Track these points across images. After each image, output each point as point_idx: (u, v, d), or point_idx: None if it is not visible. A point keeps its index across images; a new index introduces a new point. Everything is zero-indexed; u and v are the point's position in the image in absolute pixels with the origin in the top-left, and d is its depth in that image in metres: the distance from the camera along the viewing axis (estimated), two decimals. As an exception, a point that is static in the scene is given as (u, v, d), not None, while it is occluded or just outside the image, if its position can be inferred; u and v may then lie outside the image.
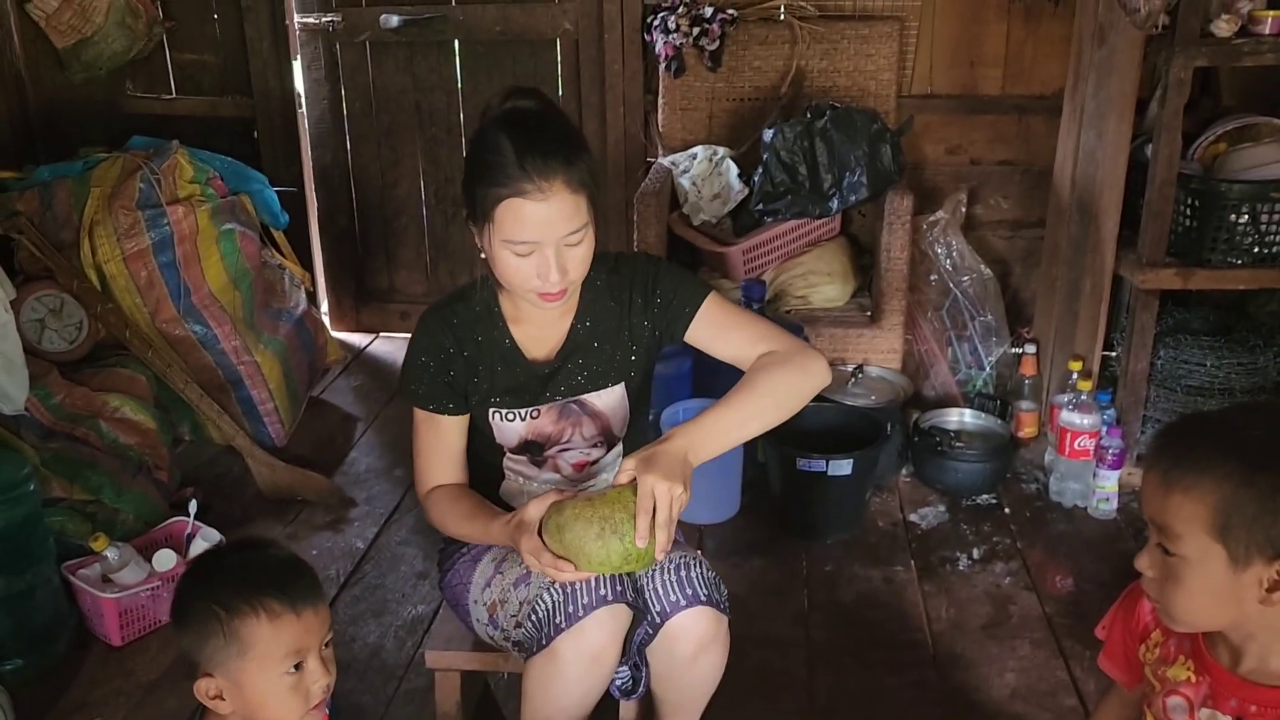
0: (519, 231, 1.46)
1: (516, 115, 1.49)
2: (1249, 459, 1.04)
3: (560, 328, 1.64)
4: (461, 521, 1.62)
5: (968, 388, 3.19)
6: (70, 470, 2.44)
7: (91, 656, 2.19)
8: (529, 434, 1.66)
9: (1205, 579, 1.07)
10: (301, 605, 1.25)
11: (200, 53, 3.67)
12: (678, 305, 1.62)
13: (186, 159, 2.98)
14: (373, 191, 3.81)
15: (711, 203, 3.16)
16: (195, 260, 2.88)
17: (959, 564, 2.49)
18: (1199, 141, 2.69)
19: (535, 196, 1.44)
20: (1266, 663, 1.12)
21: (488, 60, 3.59)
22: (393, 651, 2.22)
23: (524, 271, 1.49)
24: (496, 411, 1.64)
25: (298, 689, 1.26)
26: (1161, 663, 1.22)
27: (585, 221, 1.49)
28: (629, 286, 1.64)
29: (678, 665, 1.57)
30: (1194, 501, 1.05)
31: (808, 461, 2.50)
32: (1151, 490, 1.10)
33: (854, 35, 3.24)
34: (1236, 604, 1.07)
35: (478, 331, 1.62)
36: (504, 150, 1.44)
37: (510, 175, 1.43)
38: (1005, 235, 3.51)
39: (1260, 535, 1.03)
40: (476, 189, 1.48)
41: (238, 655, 1.23)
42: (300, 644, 1.25)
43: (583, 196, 1.48)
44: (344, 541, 2.63)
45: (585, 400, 1.66)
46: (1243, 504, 1.03)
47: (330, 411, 3.38)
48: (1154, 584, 1.13)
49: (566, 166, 1.45)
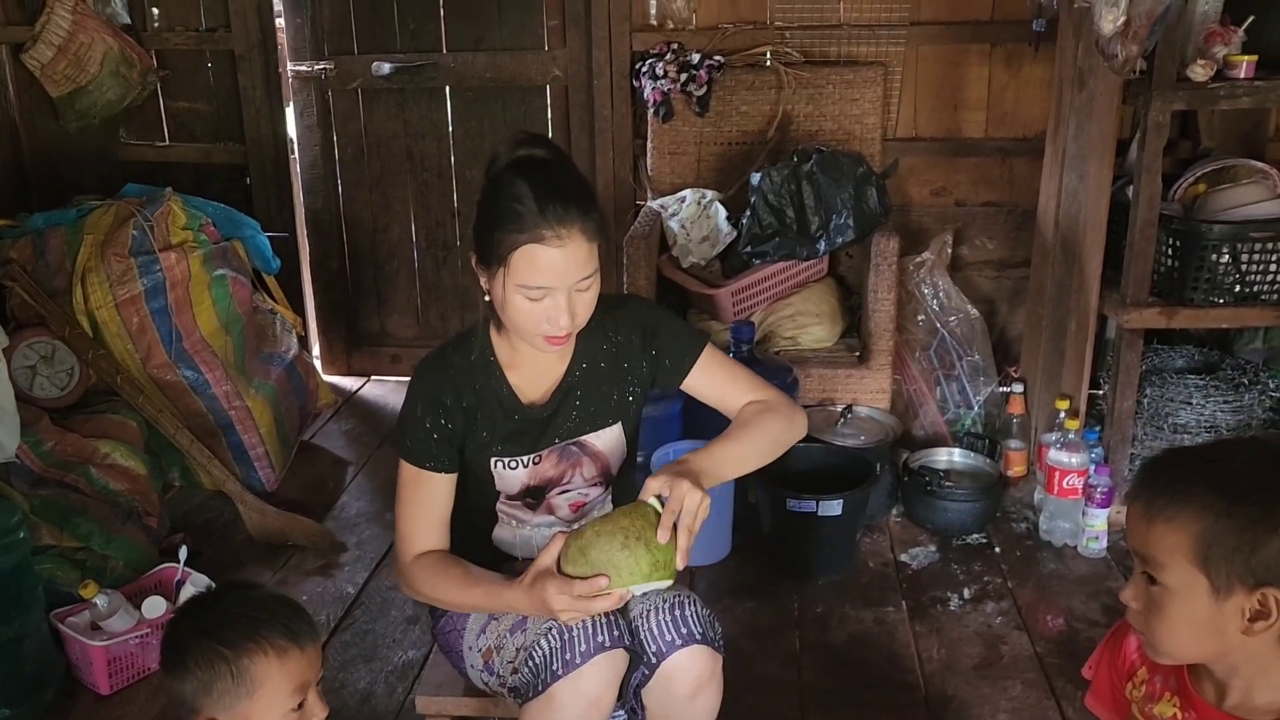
0: (534, 277, 1.48)
1: (534, 163, 1.52)
2: (1230, 490, 1.06)
3: (556, 370, 1.66)
4: (456, 589, 1.57)
5: (956, 427, 3.21)
6: (60, 517, 2.44)
7: (80, 705, 2.18)
8: (531, 480, 1.66)
9: (1188, 609, 1.08)
10: (303, 641, 1.27)
11: (194, 101, 3.71)
12: (677, 356, 1.67)
13: (179, 206, 3.00)
14: (364, 236, 3.84)
15: (700, 245, 3.19)
16: (187, 306, 2.90)
17: (950, 604, 2.49)
18: (1179, 183, 2.73)
19: (554, 243, 1.46)
20: (1251, 697, 1.13)
21: (478, 107, 3.64)
22: (383, 697, 2.21)
23: (535, 316, 1.51)
24: (499, 460, 1.64)
25: None
26: (1148, 700, 1.23)
27: (596, 268, 1.52)
28: (626, 328, 1.67)
29: (675, 705, 1.56)
30: (1176, 531, 1.07)
31: (798, 502, 2.50)
32: (1135, 521, 1.12)
33: (839, 80, 3.30)
34: (1219, 634, 1.08)
35: (475, 380, 1.63)
36: (524, 198, 1.46)
37: (530, 222, 1.46)
38: (991, 275, 3.54)
39: (1240, 565, 1.04)
40: (493, 234, 1.49)
41: (247, 695, 1.23)
42: (305, 679, 1.27)
43: (596, 245, 1.51)
44: (334, 586, 2.62)
45: (585, 441, 1.67)
46: (1223, 534, 1.05)
47: (321, 456, 3.37)
48: (1139, 616, 1.15)
49: (584, 216, 1.48)
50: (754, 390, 1.69)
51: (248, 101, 3.66)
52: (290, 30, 3.64)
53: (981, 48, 3.32)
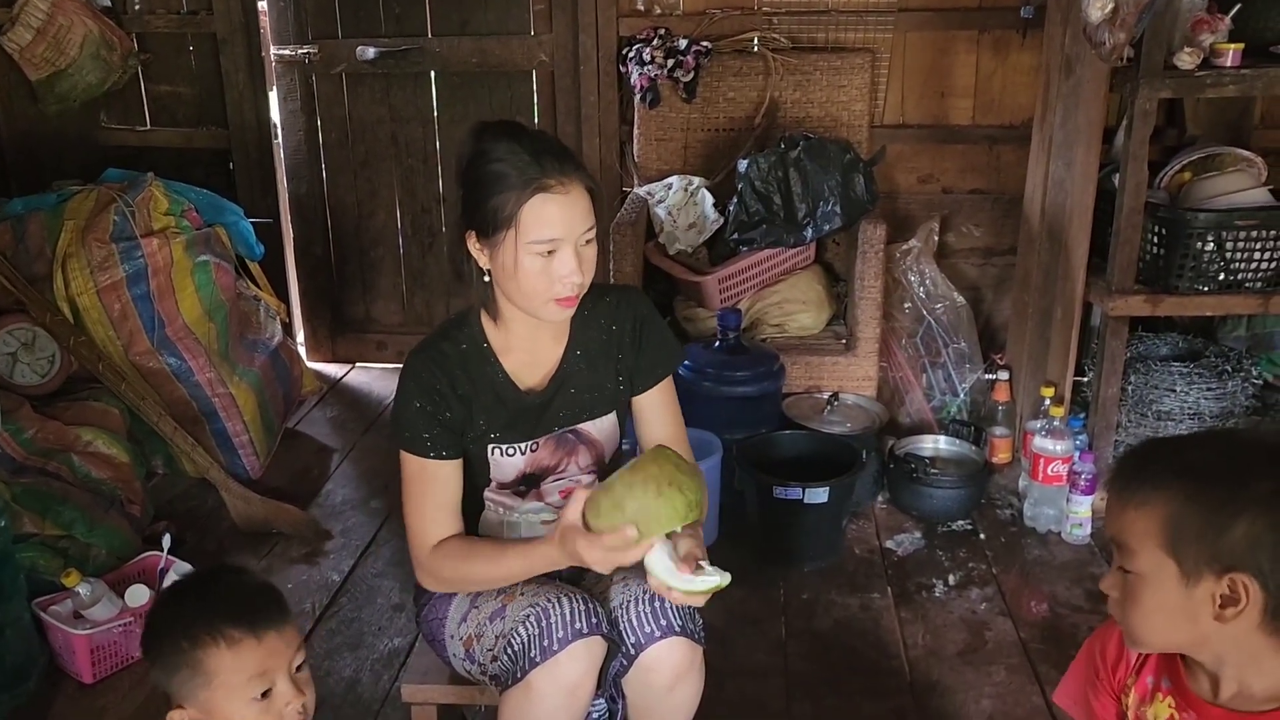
0: (544, 229, 1.47)
1: (510, 126, 1.52)
2: (1197, 476, 1.07)
3: (551, 354, 1.65)
4: (488, 565, 1.56)
5: (942, 414, 3.22)
6: (42, 505, 2.42)
7: (62, 694, 2.16)
8: (528, 467, 1.66)
9: (1160, 595, 1.09)
10: (262, 629, 1.25)
11: (175, 84, 3.68)
12: (652, 362, 1.68)
13: (161, 191, 2.97)
14: (349, 222, 3.81)
15: (687, 232, 3.18)
16: (170, 292, 2.87)
17: (935, 590, 2.50)
18: (1165, 170, 2.74)
19: (558, 190, 1.46)
20: (1247, 687, 1.12)
21: (464, 92, 3.61)
22: (369, 685, 2.20)
23: (546, 277, 1.50)
24: (496, 448, 1.63)
25: (268, 713, 1.26)
26: (1141, 703, 1.22)
27: (594, 224, 1.52)
28: (620, 317, 1.67)
29: (654, 696, 1.56)
30: (1146, 517, 1.08)
31: (784, 489, 2.50)
32: (1110, 508, 1.14)
33: (826, 67, 3.29)
34: (1192, 621, 1.09)
35: (469, 369, 1.61)
36: (517, 152, 1.46)
37: (531, 174, 1.46)
38: (977, 263, 3.55)
39: (1207, 549, 1.05)
40: (491, 200, 1.48)
41: (203, 685, 1.23)
42: (264, 667, 1.25)
43: (592, 197, 1.51)
44: (319, 574, 2.61)
45: (581, 429, 1.67)
46: (1189, 518, 1.06)
47: (306, 443, 3.36)
48: (1116, 605, 1.15)
49: (577, 166, 1.49)
50: (686, 446, 1.70)
51: (230, 85, 3.62)
52: (273, 13, 3.61)
53: (969, 34, 3.31)
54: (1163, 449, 1.16)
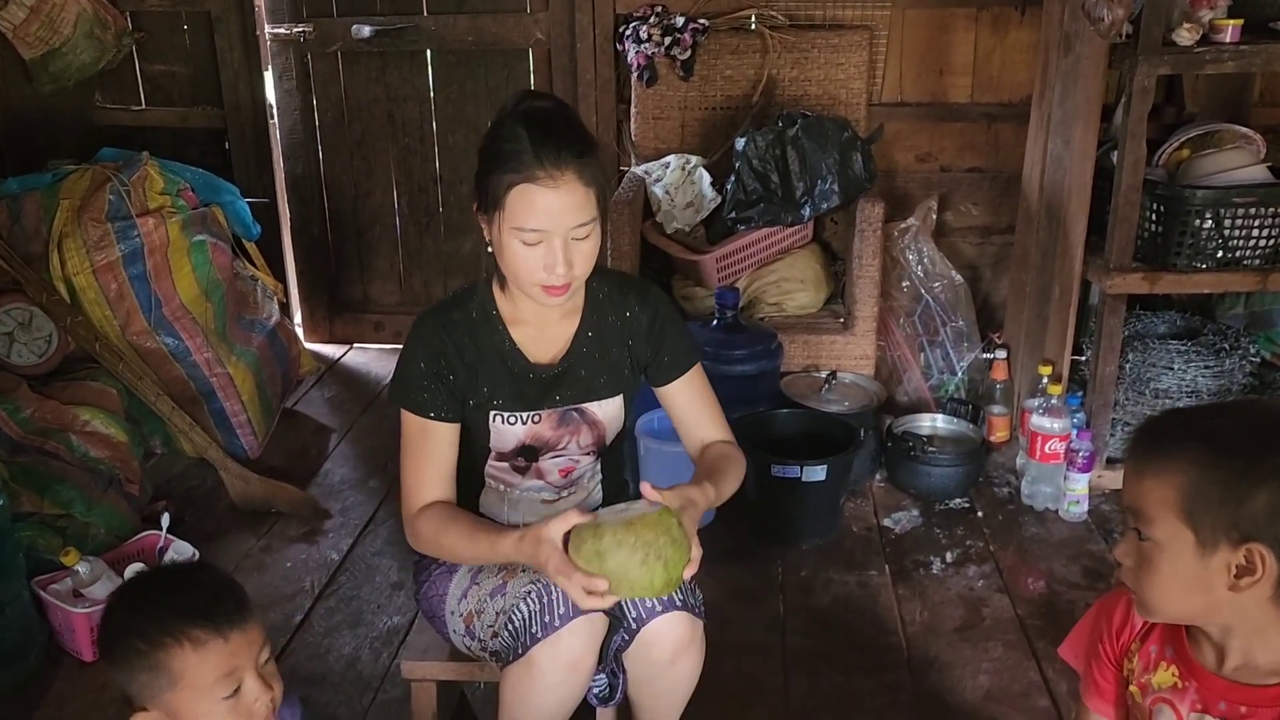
0: (529, 219, 1.47)
1: (534, 111, 1.52)
2: (1217, 445, 1.07)
3: (562, 332, 1.65)
4: (461, 540, 1.56)
5: (940, 393, 3.22)
6: (40, 484, 2.42)
7: (63, 672, 2.17)
8: (528, 439, 1.66)
9: (1175, 564, 1.09)
10: (227, 628, 1.21)
11: (170, 63, 3.65)
12: (675, 357, 1.70)
13: (157, 170, 2.96)
14: (345, 202, 3.80)
15: (685, 211, 3.17)
16: (166, 272, 2.87)
17: (932, 568, 2.50)
18: (1163, 148, 2.73)
19: (547, 183, 1.46)
20: (1252, 659, 1.13)
21: (460, 70, 3.59)
22: (368, 663, 2.21)
23: (531, 262, 1.50)
24: (498, 414, 1.63)
25: (237, 711, 1.23)
26: (1144, 671, 1.23)
27: (594, 216, 1.51)
28: (638, 307, 1.68)
29: (654, 670, 1.57)
30: (1164, 485, 1.08)
31: (782, 468, 2.51)
32: (1128, 476, 1.13)
33: (824, 44, 3.27)
34: (1206, 590, 1.09)
35: (476, 336, 1.62)
36: (520, 138, 1.46)
37: (524, 162, 1.46)
38: (975, 241, 3.54)
39: (1225, 519, 1.05)
40: (490, 177, 1.49)
41: (168, 687, 1.20)
42: (231, 666, 1.22)
43: (593, 191, 1.50)
44: (319, 553, 2.62)
45: (586, 409, 1.67)
46: (1209, 487, 1.05)
47: (304, 423, 3.36)
48: (1130, 573, 1.15)
49: (579, 159, 1.48)
50: (725, 429, 1.73)
51: (225, 64, 3.60)
52: (268, -9, 3.59)
53: (968, 11, 3.30)
54: (1183, 418, 1.16)
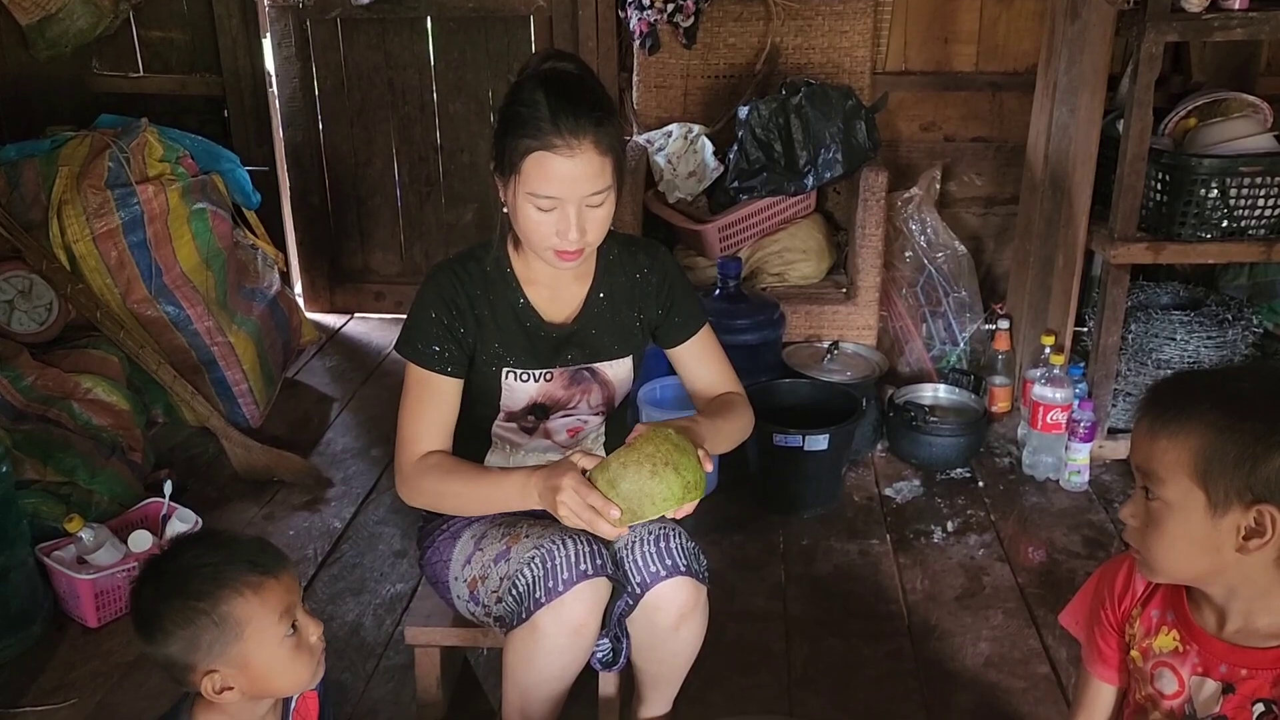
0: (544, 185, 1.47)
1: (555, 74, 1.51)
2: (1235, 407, 1.07)
3: (575, 293, 1.65)
4: (464, 485, 1.56)
5: (942, 363, 3.22)
6: (43, 452, 2.42)
7: (68, 638, 2.18)
8: (540, 396, 1.66)
9: (1185, 524, 1.09)
10: (275, 570, 1.26)
11: (168, 30, 3.62)
12: (685, 318, 1.71)
13: (156, 137, 2.94)
14: (345, 170, 3.78)
15: (687, 180, 3.16)
16: (166, 240, 2.85)
17: (934, 537, 2.51)
18: (1170, 117, 2.71)
19: (563, 152, 1.45)
20: (1252, 621, 1.14)
21: (460, 37, 3.56)
22: (372, 629, 2.22)
23: (544, 227, 1.50)
24: (511, 371, 1.63)
25: (301, 647, 1.28)
26: (1145, 635, 1.23)
27: (609, 184, 1.51)
28: (648, 268, 1.68)
29: (659, 635, 1.58)
30: (1178, 446, 1.08)
31: (784, 437, 2.51)
32: (1140, 436, 1.13)
33: (828, 11, 3.24)
34: (1214, 551, 1.09)
35: (490, 291, 1.62)
36: (539, 104, 1.46)
37: (542, 129, 1.45)
38: (978, 211, 3.53)
39: (1240, 481, 1.05)
40: (507, 140, 1.49)
41: (235, 638, 1.23)
42: (288, 603, 1.26)
43: (609, 160, 1.50)
44: (321, 521, 2.63)
45: (598, 369, 1.67)
46: (1225, 449, 1.05)
47: (305, 392, 3.36)
48: (1136, 533, 1.16)
49: (596, 128, 1.47)
50: (736, 383, 1.75)
51: (223, 31, 3.57)
52: (266, -44, 3.55)
53: (974, -22, 3.27)
54: (1199, 380, 1.16)
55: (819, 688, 2.03)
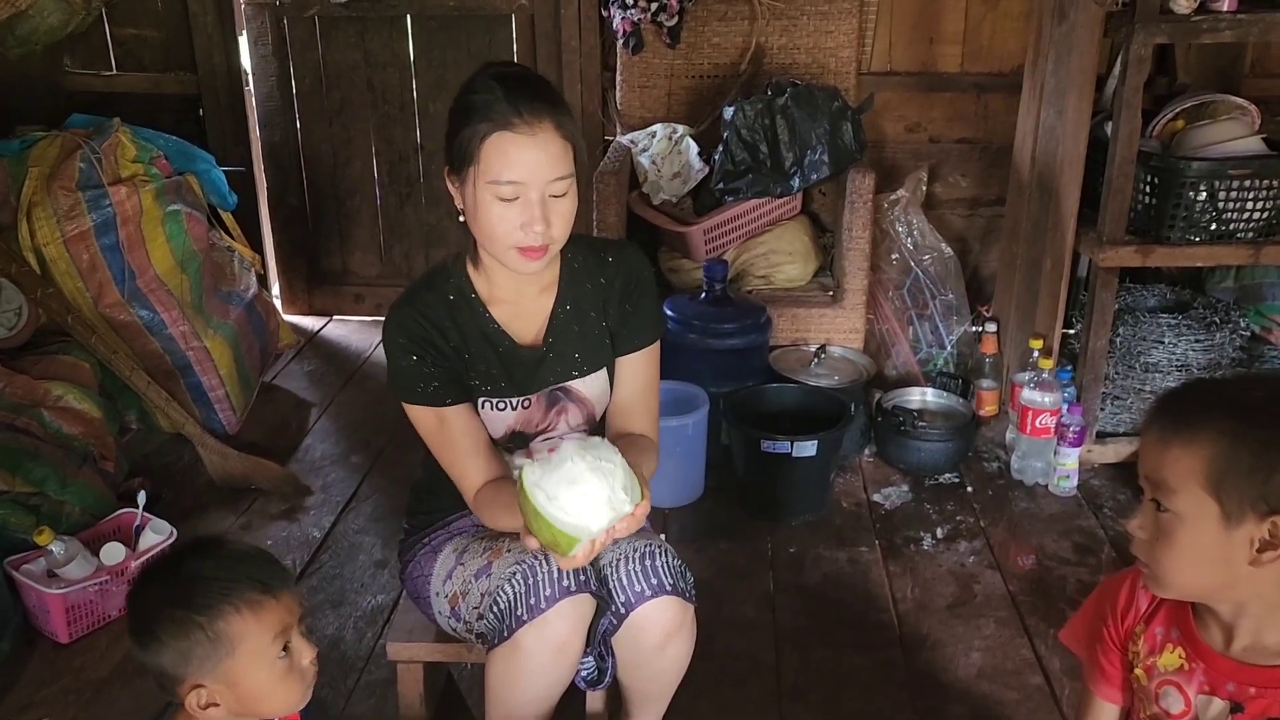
0: (505, 169, 1.42)
1: (505, 67, 1.48)
2: (1248, 416, 1.04)
3: (540, 306, 1.60)
4: (505, 516, 1.50)
5: (929, 367, 3.19)
6: (12, 461, 2.35)
7: (37, 654, 2.12)
8: (518, 424, 1.61)
9: (1197, 536, 1.06)
10: (276, 589, 1.23)
11: (141, 27, 3.55)
12: (636, 325, 1.63)
13: (129, 138, 2.88)
14: (324, 171, 3.72)
15: (671, 182, 3.12)
16: (140, 242, 2.79)
17: (923, 543, 2.48)
18: (1158, 119, 2.70)
19: (523, 130, 1.41)
20: (1261, 638, 1.11)
21: (441, 36, 3.51)
22: (352, 643, 2.17)
23: (507, 222, 1.44)
24: (487, 401, 1.59)
25: (292, 671, 1.25)
26: (1150, 654, 1.20)
27: (571, 172, 1.46)
28: (612, 273, 1.62)
29: (644, 655, 1.54)
30: (1191, 455, 1.05)
31: (772, 443, 2.48)
32: (1149, 446, 1.10)
33: (813, 11, 3.21)
34: (1226, 565, 1.06)
35: (458, 319, 1.57)
36: (493, 89, 1.42)
37: (499, 110, 1.41)
38: (964, 213, 3.51)
39: (1254, 490, 1.02)
40: (461, 132, 1.44)
41: (227, 654, 1.19)
42: (284, 624, 1.23)
43: (570, 147, 1.46)
44: (300, 530, 2.57)
45: (571, 387, 1.62)
46: (1239, 458, 1.03)
47: (283, 397, 3.30)
48: (1144, 546, 1.12)
49: (554, 109, 1.44)
50: (655, 425, 1.67)
51: (199, 29, 3.51)
52: (241, -47, 3.49)
53: (960, -22, 3.25)
54: (1211, 388, 1.14)
55: (809, 699, 1.99)
